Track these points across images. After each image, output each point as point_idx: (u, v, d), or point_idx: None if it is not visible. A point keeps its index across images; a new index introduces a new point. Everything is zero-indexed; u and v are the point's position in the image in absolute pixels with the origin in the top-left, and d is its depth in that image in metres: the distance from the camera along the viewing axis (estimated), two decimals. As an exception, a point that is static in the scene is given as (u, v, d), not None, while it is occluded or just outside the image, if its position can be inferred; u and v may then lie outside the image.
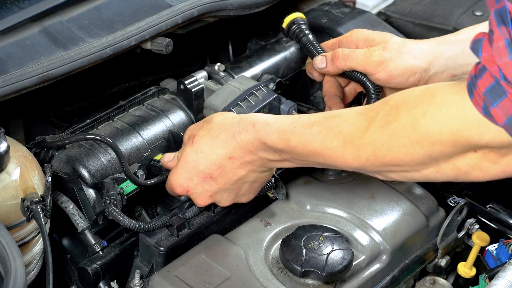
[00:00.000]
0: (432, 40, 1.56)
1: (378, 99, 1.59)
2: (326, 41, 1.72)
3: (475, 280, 1.67)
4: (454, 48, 1.52)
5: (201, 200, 1.46)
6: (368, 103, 1.60)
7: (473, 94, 1.06)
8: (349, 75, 1.63)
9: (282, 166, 1.40)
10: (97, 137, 1.53)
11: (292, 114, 1.70)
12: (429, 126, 1.12)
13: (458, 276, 1.70)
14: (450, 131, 1.10)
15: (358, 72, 1.61)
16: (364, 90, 1.62)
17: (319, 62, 1.63)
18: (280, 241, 1.49)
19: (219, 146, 1.38)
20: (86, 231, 1.54)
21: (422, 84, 1.54)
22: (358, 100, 1.75)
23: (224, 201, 1.47)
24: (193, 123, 1.71)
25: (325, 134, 1.25)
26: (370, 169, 1.25)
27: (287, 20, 1.76)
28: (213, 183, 1.42)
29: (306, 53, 1.75)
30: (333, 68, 1.61)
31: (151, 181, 1.55)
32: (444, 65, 1.52)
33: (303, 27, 1.74)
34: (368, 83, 1.59)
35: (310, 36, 1.73)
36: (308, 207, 1.60)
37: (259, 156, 1.37)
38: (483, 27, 1.51)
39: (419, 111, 1.13)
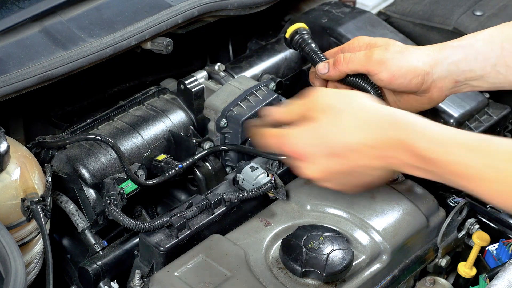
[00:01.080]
0: (434, 45, 1.55)
1: None
2: (328, 50, 1.71)
3: (475, 280, 1.67)
4: (457, 54, 1.52)
5: (311, 172, 1.36)
6: None
7: None
8: (350, 81, 1.61)
9: (412, 173, 1.32)
10: (98, 137, 1.53)
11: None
12: None
13: (458, 276, 1.70)
14: None
15: (359, 78, 1.60)
16: None
17: (322, 68, 1.61)
18: (280, 241, 1.49)
19: (362, 131, 1.30)
20: (86, 231, 1.54)
21: (424, 88, 1.53)
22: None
23: (331, 183, 1.38)
24: (193, 123, 1.71)
25: (483, 165, 1.20)
26: None
27: (290, 30, 1.75)
28: (334, 162, 1.33)
29: (309, 62, 1.74)
30: (335, 72, 1.59)
31: (152, 181, 1.55)
32: (446, 70, 1.52)
33: (306, 36, 1.74)
34: (369, 88, 1.59)
35: (313, 45, 1.72)
36: (308, 207, 1.60)
37: (396, 156, 1.30)
38: (485, 33, 1.51)
39: None
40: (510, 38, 1.48)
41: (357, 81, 1.60)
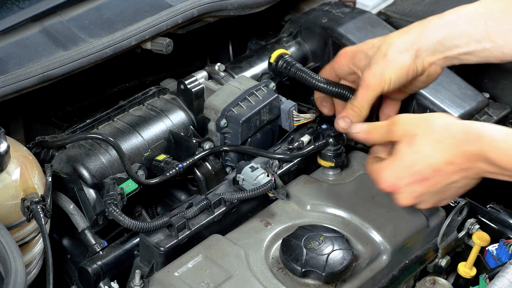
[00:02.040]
0: (416, 26, 1.55)
1: None
2: (321, 71, 1.71)
3: (475, 280, 1.67)
4: (440, 32, 1.52)
5: (405, 201, 1.45)
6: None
7: None
8: (342, 96, 1.66)
9: (498, 178, 1.39)
10: (99, 136, 1.53)
11: (293, 114, 1.70)
12: None
13: (458, 276, 1.70)
14: None
15: (348, 91, 1.64)
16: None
17: (343, 123, 1.59)
18: (280, 241, 1.49)
19: (442, 151, 1.38)
20: (86, 231, 1.54)
21: (420, 70, 1.54)
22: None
23: (427, 203, 1.47)
24: (193, 123, 1.71)
25: None
26: None
27: (274, 55, 1.75)
28: (423, 185, 1.42)
29: (300, 81, 1.72)
30: (357, 118, 1.59)
31: (153, 181, 1.55)
32: (433, 48, 1.52)
33: (289, 59, 1.74)
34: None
35: (298, 65, 1.72)
36: (308, 207, 1.60)
37: (478, 167, 1.37)
38: (469, 9, 1.51)
39: None
40: (493, 14, 1.48)
41: (346, 94, 1.64)
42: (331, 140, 1.64)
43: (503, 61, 1.51)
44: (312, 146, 1.65)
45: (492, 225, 1.74)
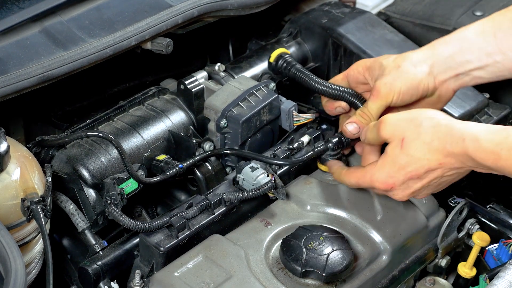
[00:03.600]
0: (428, 45, 1.57)
1: None
2: (334, 78, 1.71)
3: (475, 280, 1.67)
4: (451, 47, 1.54)
5: (403, 195, 1.50)
6: None
7: None
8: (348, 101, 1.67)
9: (489, 172, 1.43)
10: (99, 134, 1.53)
11: (293, 114, 1.70)
12: None
13: (458, 276, 1.71)
14: None
15: (356, 98, 1.65)
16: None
17: (353, 129, 1.61)
18: (280, 241, 1.49)
19: (431, 153, 1.42)
20: (86, 231, 1.54)
21: (431, 87, 1.56)
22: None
23: (422, 195, 1.52)
24: (193, 123, 1.71)
25: None
26: None
27: (274, 55, 1.77)
28: (418, 182, 1.47)
29: (299, 82, 1.74)
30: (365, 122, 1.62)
31: (153, 179, 1.55)
32: (444, 64, 1.54)
33: (290, 59, 1.76)
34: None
35: (298, 66, 1.74)
36: (308, 207, 1.60)
37: (468, 165, 1.41)
38: (477, 24, 1.53)
39: None
40: (501, 26, 1.50)
41: (354, 101, 1.65)
42: (330, 145, 1.64)
43: None
44: (312, 152, 1.64)
45: (492, 225, 1.74)
